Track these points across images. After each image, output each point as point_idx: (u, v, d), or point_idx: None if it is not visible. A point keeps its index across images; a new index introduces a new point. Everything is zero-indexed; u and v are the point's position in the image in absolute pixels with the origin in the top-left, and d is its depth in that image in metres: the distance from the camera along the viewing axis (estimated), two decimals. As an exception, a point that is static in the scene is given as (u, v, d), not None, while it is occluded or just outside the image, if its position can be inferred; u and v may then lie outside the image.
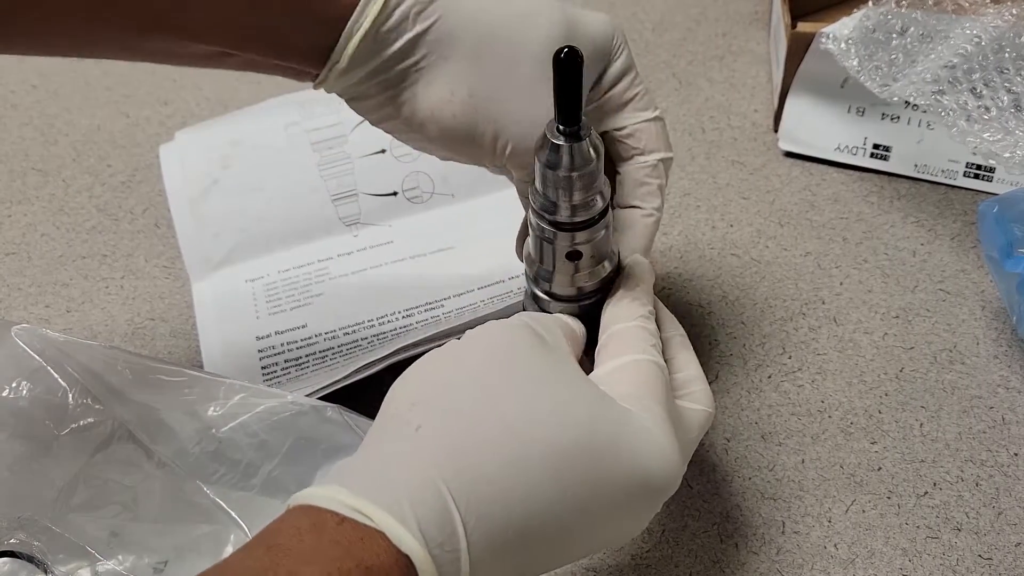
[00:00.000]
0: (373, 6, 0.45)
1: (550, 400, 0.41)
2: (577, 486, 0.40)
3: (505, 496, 0.38)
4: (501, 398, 0.41)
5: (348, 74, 0.47)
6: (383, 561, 0.35)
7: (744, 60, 0.81)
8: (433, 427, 0.39)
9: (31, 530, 0.51)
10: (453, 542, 0.37)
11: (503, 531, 0.38)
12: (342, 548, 0.35)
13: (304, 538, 0.36)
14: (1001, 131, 0.62)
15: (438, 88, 0.47)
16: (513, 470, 0.39)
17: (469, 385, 0.41)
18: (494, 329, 0.44)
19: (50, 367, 0.53)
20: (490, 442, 0.39)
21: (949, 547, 0.54)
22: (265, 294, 0.67)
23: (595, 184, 0.45)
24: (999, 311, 0.64)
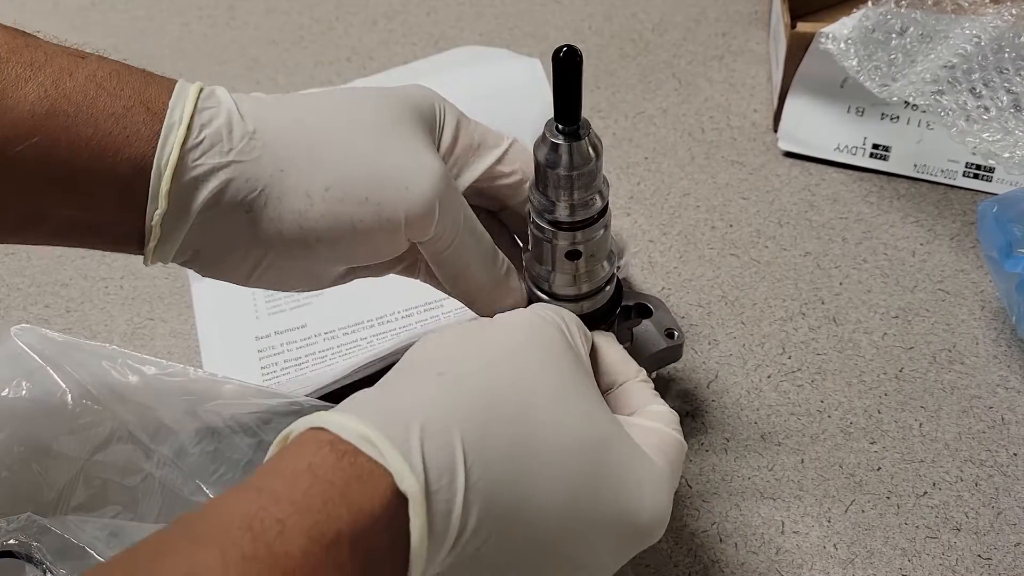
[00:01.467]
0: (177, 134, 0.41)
1: (575, 394, 0.41)
2: (579, 491, 0.39)
3: (511, 468, 0.38)
4: (528, 374, 0.40)
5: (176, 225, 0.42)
6: (375, 506, 0.35)
7: (744, 60, 0.81)
8: (456, 377, 0.39)
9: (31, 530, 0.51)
10: (449, 493, 0.36)
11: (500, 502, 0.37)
12: (336, 490, 0.34)
13: (297, 480, 0.34)
14: (1000, 131, 0.62)
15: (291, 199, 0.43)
16: (526, 445, 0.38)
17: (496, 354, 0.41)
18: (523, 313, 0.44)
19: (50, 367, 0.53)
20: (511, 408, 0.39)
21: (948, 547, 0.54)
22: (264, 294, 0.67)
23: (594, 183, 0.45)
24: (998, 311, 0.64)
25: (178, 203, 0.42)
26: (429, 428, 0.36)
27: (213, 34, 0.88)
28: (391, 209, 0.43)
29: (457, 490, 0.36)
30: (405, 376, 0.40)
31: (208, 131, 0.42)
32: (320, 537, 0.33)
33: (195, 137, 0.41)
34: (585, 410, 0.41)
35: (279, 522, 0.33)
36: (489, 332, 0.43)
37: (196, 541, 0.33)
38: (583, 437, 0.40)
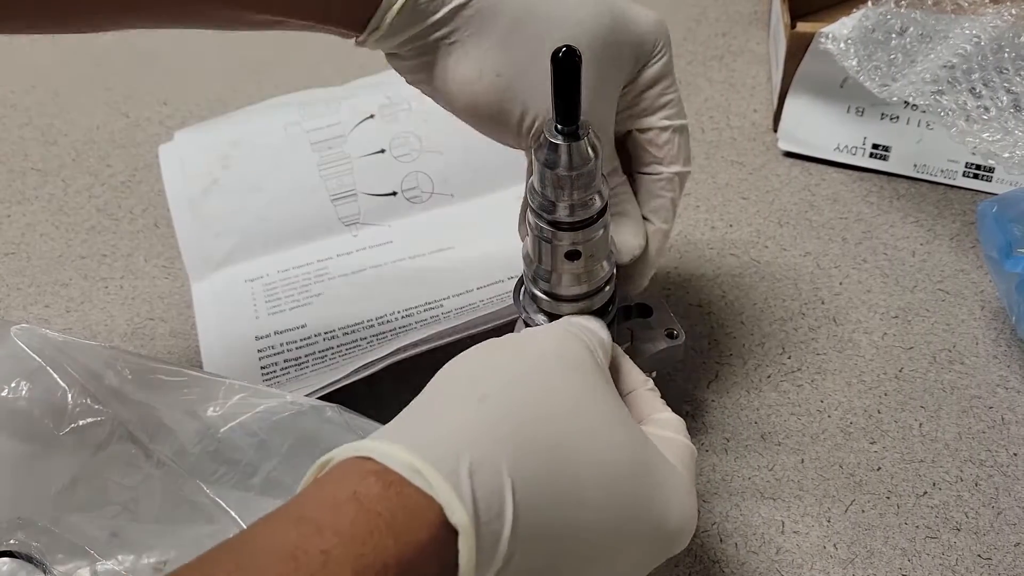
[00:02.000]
0: None
1: (610, 421, 0.41)
2: (619, 511, 0.40)
3: (555, 493, 0.37)
4: (565, 396, 0.40)
5: (387, 39, 0.47)
6: (423, 537, 0.34)
7: (744, 60, 0.81)
8: (497, 403, 0.38)
9: (30, 530, 0.51)
10: (498, 524, 0.35)
11: (544, 527, 0.37)
12: (383, 521, 0.34)
13: (342, 510, 0.34)
14: (1000, 131, 0.62)
15: (467, 66, 0.47)
16: (568, 470, 0.38)
17: (533, 379, 0.41)
18: (555, 332, 0.44)
19: (50, 367, 0.53)
20: (552, 434, 0.38)
21: (948, 547, 0.54)
22: (265, 294, 0.67)
23: (593, 184, 0.45)
24: (998, 311, 0.64)
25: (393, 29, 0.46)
26: (477, 459, 0.36)
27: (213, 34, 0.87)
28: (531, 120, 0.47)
29: (505, 522, 0.36)
30: (445, 399, 0.40)
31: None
32: (366, 569, 0.33)
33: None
34: (619, 428, 0.41)
35: (324, 553, 0.32)
36: (523, 350, 0.43)
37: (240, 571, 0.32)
38: (620, 455, 0.40)
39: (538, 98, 0.47)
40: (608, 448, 0.40)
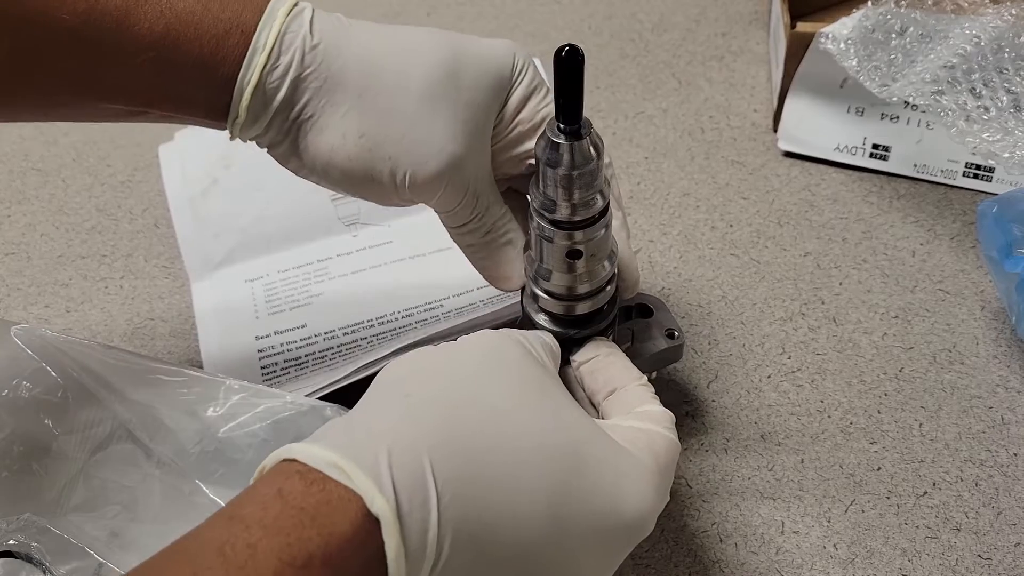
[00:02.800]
0: (259, 59, 0.46)
1: (540, 404, 0.41)
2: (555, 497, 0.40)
3: (483, 482, 0.38)
4: (492, 391, 0.41)
5: (250, 128, 0.48)
6: (347, 528, 0.35)
7: (744, 60, 0.81)
8: (422, 399, 0.40)
9: (30, 530, 0.51)
10: (422, 513, 0.36)
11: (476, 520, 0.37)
12: (306, 515, 0.35)
13: (268, 506, 0.35)
14: (1000, 131, 0.62)
15: (330, 134, 0.47)
16: (496, 458, 0.39)
17: (460, 374, 0.42)
18: (486, 333, 0.45)
19: (50, 367, 0.53)
20: (477, 425, 0.39)
21: (948, 547, 0.54)
22: (265, 294, 0.67)
23: (595, 183, 0.45)
24: (998, 311, 0.64)
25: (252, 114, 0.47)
26: (396, 451, 0.37)
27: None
28: (403, 174, 0.47)
29: (430, 509, 0.36)
30: (373, 401, 0.41)
31: (284, 59, 0.46)
32: (292, 560, 0.34)
33: (272, 63, 0.46)
34: (551, 414, 0.41)
35: (250, 547, 0.34)
36: (452, 351, 0.44)
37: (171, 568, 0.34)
38: (551, 440, 0.40)
39: (403, 151, 0.47)
40: (539, 436, 0.40)
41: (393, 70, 0.47)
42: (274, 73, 0.46)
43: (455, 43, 0.48)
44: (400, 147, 0.47)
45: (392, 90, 0.47)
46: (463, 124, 0.47)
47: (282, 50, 0.46)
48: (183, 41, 0.45)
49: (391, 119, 0.47)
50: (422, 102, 0.47)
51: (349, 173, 0.48)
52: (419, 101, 0.47)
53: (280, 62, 0.46)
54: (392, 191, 0.48)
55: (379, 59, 0.47)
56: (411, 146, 0.47)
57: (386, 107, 0.47)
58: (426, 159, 0.47)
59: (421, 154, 0.47)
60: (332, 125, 0.47)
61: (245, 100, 0.46)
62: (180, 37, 0.45)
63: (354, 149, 0.47)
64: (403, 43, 0.48)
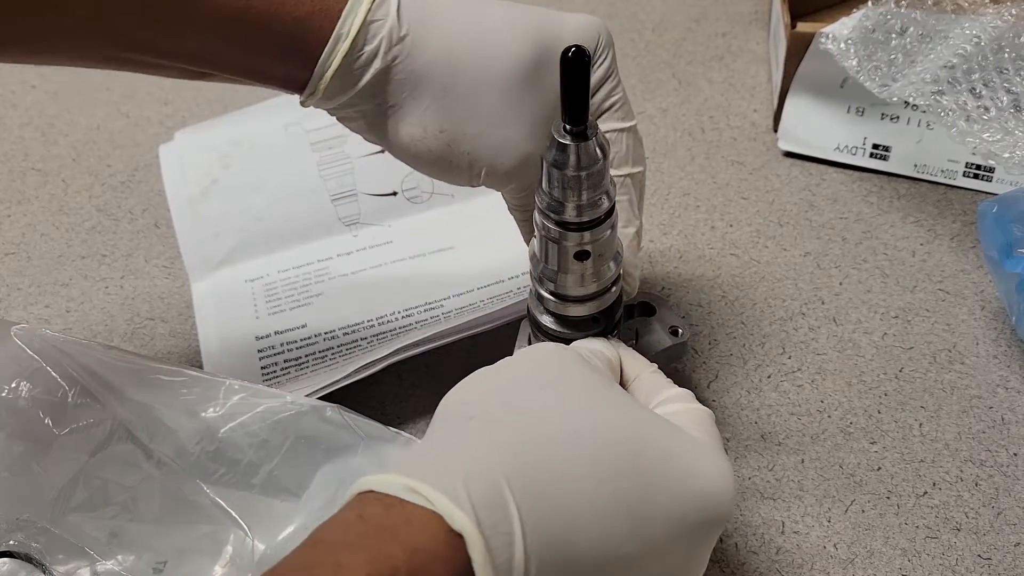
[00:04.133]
0: (343, 44, 0.46)
1: (602, 410, 0.41)
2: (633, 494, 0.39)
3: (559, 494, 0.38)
4: (553, 403, 0.41)
5: (327, 102, 0.48)
6: (430, 544, 0.35)
7: (744, 60, 0.81)
8: (487, 421, 0.40)
9: (30, 530, 0.51)
10: (507, 525, 0.36)
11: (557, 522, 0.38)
12: (388, 532, 0.35)
13: (350, 529, 0.36)
14: (1000, 131, 0.62)
15: (410, 125, 0.48)
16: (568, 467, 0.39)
17: (521, 391, 0.42)
18: (543, 347, 0.45)
19: (50, 367, 0.53)
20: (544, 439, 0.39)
21: (948, 547, 0.54)
22: (265, 294, 0.67)
23: (602, 184, 0.45)
24: (998, 311, 0.64)
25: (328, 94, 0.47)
26: (470, 471, 0.37)
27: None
28: (479, 169, 0.49)
29: (513, 524, 0.36)
30: (438, 429, 0.42)
31: (368, 48, 0.46)
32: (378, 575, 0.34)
33: (356, 50, 0.46)
34: (613, 408, 0.42)
35: (337, 566, 0.34)
36: (505, 368, 0.44)
37: None
38: (618, 439, 0.40)
39: (482, 148, 0.48)
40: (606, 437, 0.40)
41: (477, 67, 0.47)
42: (358, 61, 0.46)
43: (541, 28, 0.48)
44: (478, 145, 0.48)
45: (474, 89, 0.47)
46: (540, 123, 0.48)
47: (367, 39, 0.46)
48: (263, 18, 0.45)
49: (471, 118, 0.47)
50: (503, 102, 0.47)
51: (426, 160, 0.49)
52: (500, 101, 0.47)
53: (364, 51, 0.46)
54: (467, 180, 0.50)
55: (464, 54, 0.47)
56: (489, 144, 0.48)
57: (467, 105, 0.47)
58: (502, 157, 0.48)
59: (497, 152, 0.48)
60: (413, 117, 0.47)
61: (324, 82, 0.46)
62: (261, 14, 0.45)
63: (433, 142, 0.48)
64: (488, 32, 0.47)
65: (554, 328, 0.51)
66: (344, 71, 0.46)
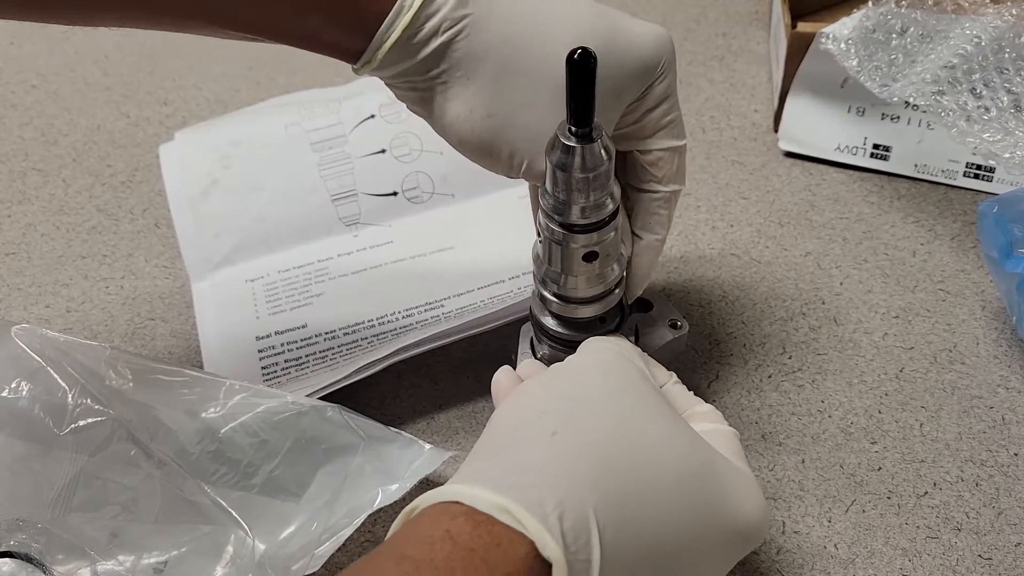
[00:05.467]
0: (404, 17, 0.45)
1: (671, 435, 0.42)
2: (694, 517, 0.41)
3: (637, 515, 0.39)
4: (628, 420, 0.41)
5: (381, 71, 0.48)
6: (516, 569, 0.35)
7: (744, 60, 0.81)
8: (569, 436, 0.40)
9: (30, 531, 0.51)
10: (586, 552, 0.37)
11: (631, 550, 0.38)
12: (476, 556, 0.35)
13: (436, 547, 0.35)
14: (1001, 131, 0.62)
15: (459, 104, 0.47)
16: (645, 489, 0.39)
17: (597, 403, 0.42)
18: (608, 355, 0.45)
19: (50, 367, 0.53)
20: (623, 459, 0.40)
21: (949, 547, 0.54)
22: (265, 294, 0.67)
23: (606, 186, 0.45)
24: (999, 311, 0.64)
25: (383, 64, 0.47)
26: (560, 495, 0.37)
27: (213, 34, 0.88)
28: (520, 159, 0.47)
29: (593, 550, 0.37)
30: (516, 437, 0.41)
31: (430, 24, 0.45)
32: None
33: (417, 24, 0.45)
34: (681, 439, 0.42)
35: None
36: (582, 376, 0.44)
37: None
38: (689, 466, 0.42)
39: (526, 140, 0.47)
40: (677, 461, 0.41)
41: (534, 57, 0.46)
42: (418, 36, 0.46)
43: (606, 27, 0.47)
44: (523, 135, 0.47)
45: (528, 78, 0.46)
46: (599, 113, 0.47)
47: (429, 14, 0.45)
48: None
49: (521, 108, 0.47)
50: (553, 98, 0.46)
51: (468, 143, 0.48)
52: (552, 95, 0.46)
53: (425, 26, 0.45)
54: (505, 169, 0.49)
55: (523, 41, 0.46)
56: (534, 137, 0.47)
57: (519, 95, 0.46)
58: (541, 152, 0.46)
59: (543, 141, 0.46)
60: (463, 97, 0.47)
61: (382, 52, 0.46)
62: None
63: (479, 125, 0.47)
64: (551, 21, 0.47)
65: (557, 330, 0.51)
66: (402, 44, 0.46)
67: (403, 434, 0.53)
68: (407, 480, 0.52)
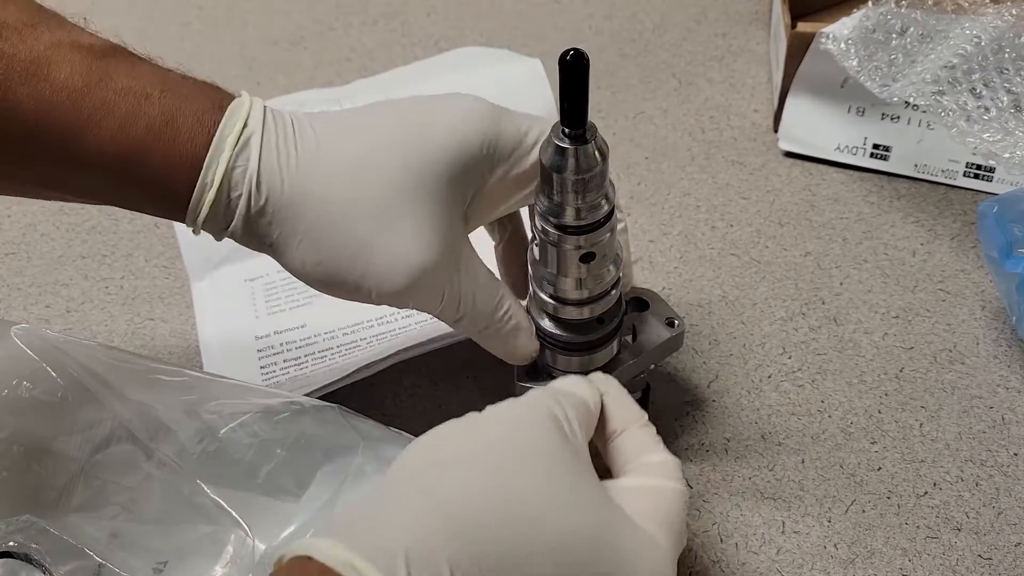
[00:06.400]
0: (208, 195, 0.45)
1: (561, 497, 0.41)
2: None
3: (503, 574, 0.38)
4: (513, 483, 0.40)
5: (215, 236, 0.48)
6: None
7: (744, 60, 0.81)
8: (441, 495, 0.39)
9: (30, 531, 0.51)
10: None
11: None
12: None
13: None
14: (1001, 131, 0.62)
15: (290, 259, 0.47)
16: (514, 557, 0.39)
17: (483, 461, 0.41)
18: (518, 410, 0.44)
19: (50, 367, 0.53)
20: (496, 524, 0.39)
21: (949, 547, 0.54)
22: (264, 293, 0.67)
23: (601, 187, 0.45)
24: (999, 311, 0.64)
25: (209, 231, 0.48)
26: (414, 554, 0.37)
27: (213, 34, 0.88)
28: (368, 290, 0.47)
29: None
30: (391, 493, 0.41)
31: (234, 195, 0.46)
32: None
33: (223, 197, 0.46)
34: (575, 505, 0.41)
35: None
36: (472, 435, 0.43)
37: None
38: (573, 534, 0.40)
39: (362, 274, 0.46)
40: (562, 523, 0.40)
41: (345, 196, 0.46)
42: (228, 206, 0.46)
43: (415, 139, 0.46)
44: (357, 270, 0.46)
45: (343, 218, 0.46)
46: (429, 230, 0.46)
47: (231, 186, 0.45)
48: (136, 166, 0.45)
49: (344, 247, 0.46)
50: (377, 224, 0.45)
51: (322, 289, 0.48)
52: (373, 224, 0.45)
53: (231, 196, 0.46)
54: (365, 301, 0.48)
55: (330, 185, 0.46)
56: (368, 268, 0.46)
57: (338, 236, 0.46)
58: (388, 276, 0.46)
59: (381, 273, 0.46)
60: (291, 253, 0.47)
61: (199, 223, 0.46)
62: (133, 161, 0.45)
63: (314, 273, 0.47)
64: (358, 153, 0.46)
65: (555, 331, 0.51)
66: (215, 217, 0.46)
67: (403, 434, 0.53)
68: (407, 480, 0.51)
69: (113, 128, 0.44)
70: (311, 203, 0.46)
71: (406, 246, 0.46)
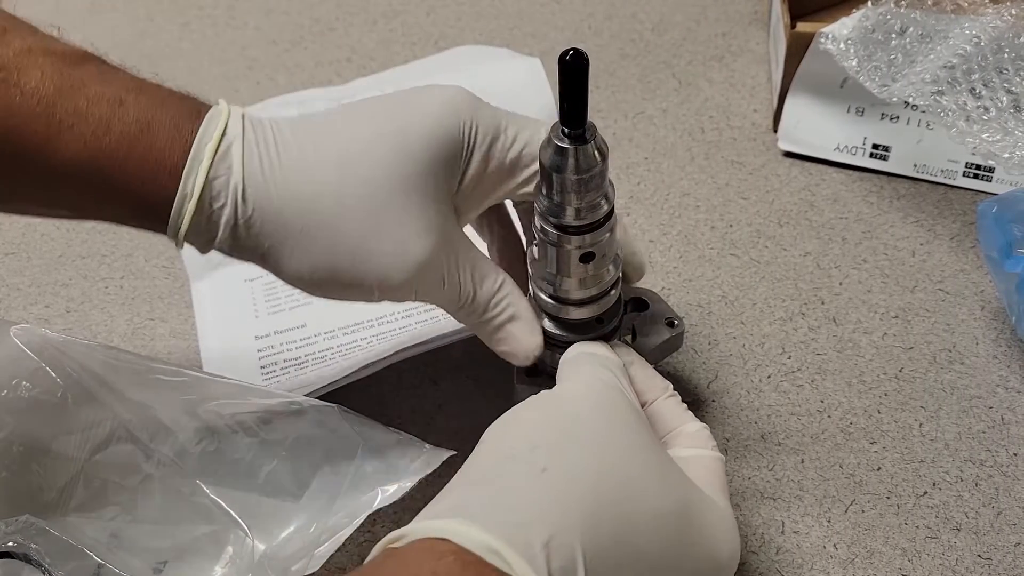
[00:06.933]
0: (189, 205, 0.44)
1: (655, 470, 0.42)
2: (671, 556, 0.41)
3: (620, 553, 0.39)
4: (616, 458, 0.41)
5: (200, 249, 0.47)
6: None
7: (744, 60, 0.81)
8: (559, 473, 0.40)
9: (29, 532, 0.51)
10: None
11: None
12: None
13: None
14: (1000, 131, 0.62)
15: (285, 268, 0.46)
16: (628, 528, 0.40)
17: (587, 440, 0.42)
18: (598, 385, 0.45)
19: (49, 367, 0.53)
20: (609, 497, 0.40)
21: (948, 547, 0.54)
22: (264, 293, 0.67)
23: (601, 187, 0.45)
24: (998, 311, 0.64)
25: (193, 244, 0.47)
26: (549, 535, 0.37)
27: (213, 34, 0.88)
28: (370, 287, 0.46)
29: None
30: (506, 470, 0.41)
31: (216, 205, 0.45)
32: None
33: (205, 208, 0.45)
34: (665, 475, 0.43)
35: None
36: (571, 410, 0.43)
37: None
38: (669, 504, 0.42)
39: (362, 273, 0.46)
40: (659, 499, 0.41)
41: (333, 197, 0.45)
42: (210, 218, 0.45)
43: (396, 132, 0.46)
44: (356, 268, 0.46)
45: (335, 218, 0.45)
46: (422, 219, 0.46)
47: (213, 196, 0.44)
48: (111, 175, 0.44)
49: (339, 247, 0.45)
50: (369, 220, 0.45)
51: (321, 294, 0.47)
52: (365, 220, 0.45)
53: (213, 207, 0.44)
54: (368, 299, 0.47)
55: (317, 187, 0.45)
56: (367, 265, 0.45)
57: (332, 237, 0.45)
58: (389, 270, 0.46)
59: (381, 268, 0.46)
60: (284, 262, 0.46)
61: (181, 236, 0.45)
62: (108, 170, 0.44)
63: (309, 282, 0.46)
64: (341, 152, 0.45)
65: (554, 332, 0.51)
66: (197, 229, 0.45)
67: (403, 434, 0.53)
68: (407, 480, 0.51)
69: (87, 135, 0.43)
70: (300, 208, 0.45)
71: (402, 237, 0.45)
